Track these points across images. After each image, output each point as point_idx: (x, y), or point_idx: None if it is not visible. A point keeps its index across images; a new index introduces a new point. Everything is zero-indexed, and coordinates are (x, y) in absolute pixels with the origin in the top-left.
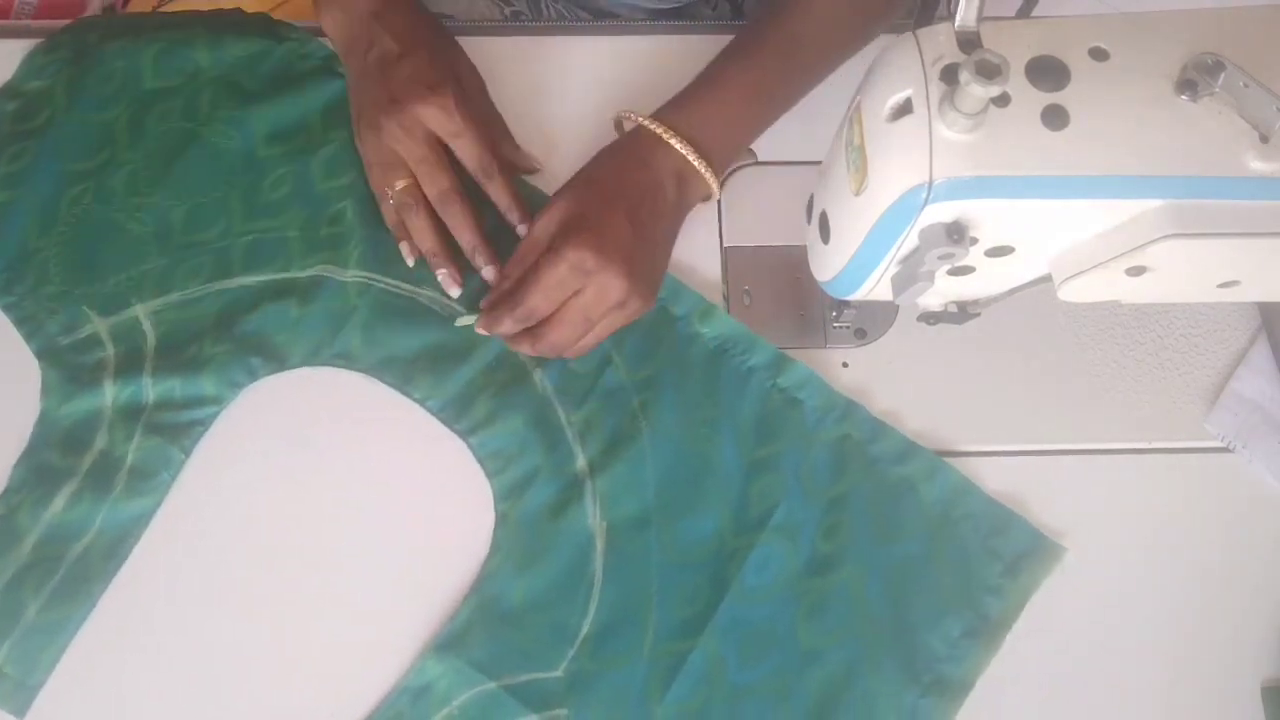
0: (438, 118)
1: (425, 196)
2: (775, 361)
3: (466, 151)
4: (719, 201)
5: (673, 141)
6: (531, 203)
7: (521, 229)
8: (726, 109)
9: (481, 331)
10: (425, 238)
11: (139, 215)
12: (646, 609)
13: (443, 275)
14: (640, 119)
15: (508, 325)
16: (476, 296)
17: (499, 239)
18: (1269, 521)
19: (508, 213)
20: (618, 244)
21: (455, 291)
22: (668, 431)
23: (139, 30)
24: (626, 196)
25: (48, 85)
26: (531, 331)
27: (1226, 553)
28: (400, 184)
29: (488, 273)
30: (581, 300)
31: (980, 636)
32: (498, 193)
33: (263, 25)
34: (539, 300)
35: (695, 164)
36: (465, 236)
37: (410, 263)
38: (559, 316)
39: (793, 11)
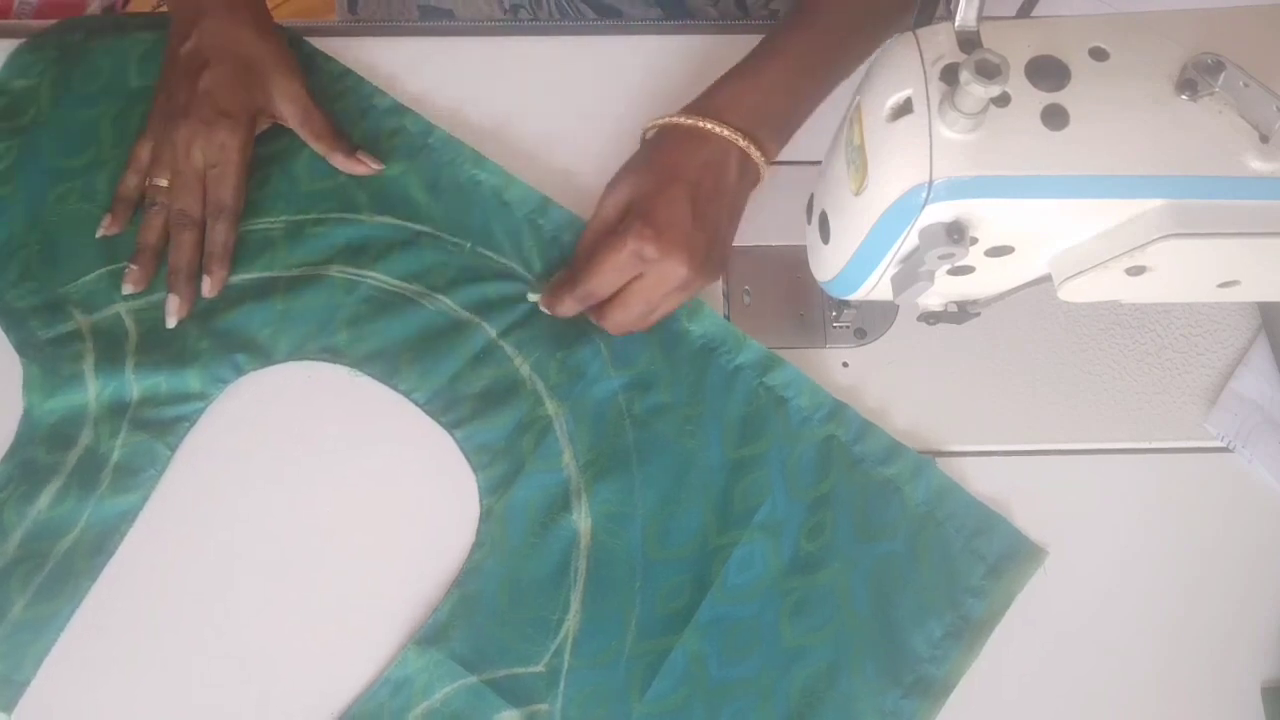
0: (211, 152)
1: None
2: (762, 360)
3: (219, 184)
4: None
5: (714, 127)
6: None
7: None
8: (761, 86)
9: (545, 309)
10: (150, 234)
11: None
12: (629, 605)
13: (133, 271)
14: (674, 119)
15: (568, 305)
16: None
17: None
18: (1269, 521)
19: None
20: (676, 230)
21: (129, 289)
22: (653, 429)
23: (124, 29)
24: (685, 179)
25: (33, 84)
26: (596, 310)
27: (1226, 553)
28: (162, 182)
29: (172, 301)
30: (642, 284)
31: (962, 638)
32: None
33: None
34: (599, 284)
35: (741, 144)
36: (180, 259)
37: (103, 232)
38: (620, 300)
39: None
